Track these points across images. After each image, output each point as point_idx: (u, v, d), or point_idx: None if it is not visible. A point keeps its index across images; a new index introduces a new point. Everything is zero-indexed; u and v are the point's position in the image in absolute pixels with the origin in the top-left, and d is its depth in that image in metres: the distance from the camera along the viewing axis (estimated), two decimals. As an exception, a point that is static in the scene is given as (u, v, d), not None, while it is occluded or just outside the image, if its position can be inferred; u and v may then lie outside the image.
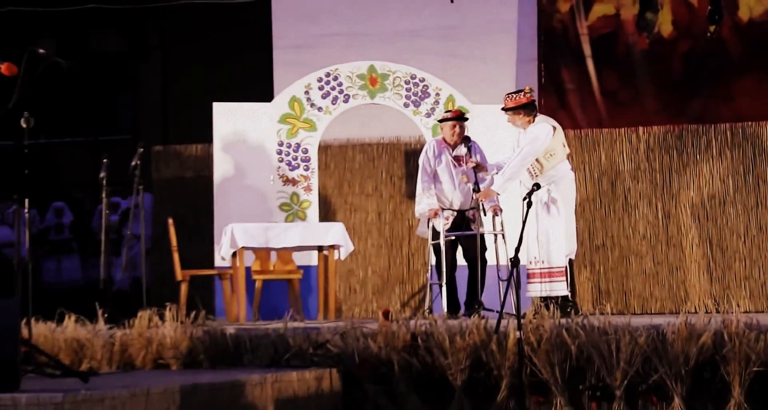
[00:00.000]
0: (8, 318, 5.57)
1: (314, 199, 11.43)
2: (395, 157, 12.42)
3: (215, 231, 11.12)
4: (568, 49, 12.70)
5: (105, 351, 7.80)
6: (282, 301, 10.88)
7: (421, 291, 11.94)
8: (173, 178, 12.75)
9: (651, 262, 11.75)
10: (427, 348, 7.31)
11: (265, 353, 7.56)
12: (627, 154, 11.94)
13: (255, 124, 11.38)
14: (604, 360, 6.99)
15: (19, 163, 6.51)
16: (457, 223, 9.92)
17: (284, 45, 13.26)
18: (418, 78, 11.46)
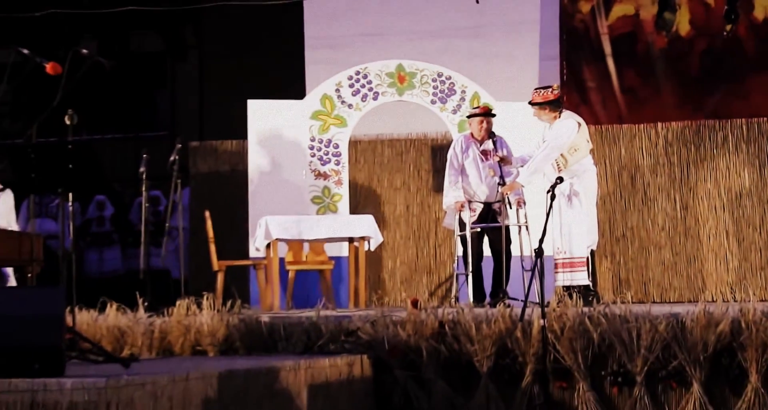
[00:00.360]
0: (54, 306, 5.57)
1: (345, 192, 11.42)
2: (422, 151, 12.39)
3: (250, 224, 11.13)
4: (590, 48, 12.64)
5: (145, 338, 7.82)
6: (314, 291, 10.87)
7: (448, 281, 11.92)
8: (209, 173, 12.76)
9: (669, 253, 11.69)
10: (454, 336, 7.30)
11: (298, 340, 7.56)
12: (646, 148, 11.89)
13: (288, 120, 11.38)
14: (625, 347, 6.97)
15: (63, 158, 6.52)
16: (483, 215, 9.90)
17: (316, 44, 13.24)
18: (444, 76, 11.43)
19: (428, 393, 7.31)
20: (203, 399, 5.84)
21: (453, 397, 7.30)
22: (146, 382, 5.46)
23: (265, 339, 7.65)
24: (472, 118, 10.12)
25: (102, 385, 5.21)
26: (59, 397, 5.21)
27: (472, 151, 10.00)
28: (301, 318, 7.78)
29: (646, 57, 12.50)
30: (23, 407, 5.21)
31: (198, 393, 5.82)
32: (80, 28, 19.68)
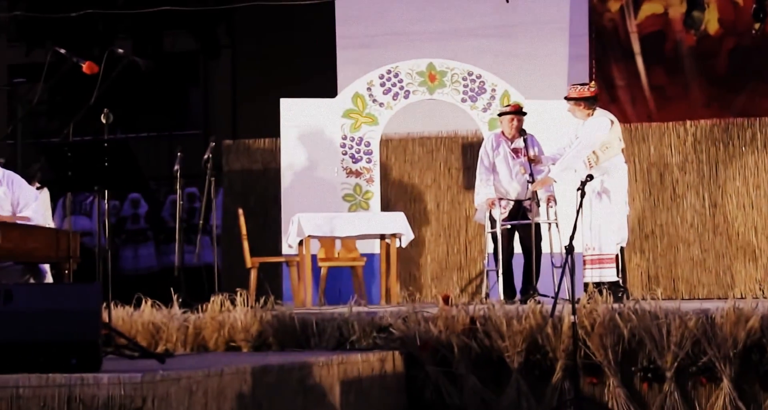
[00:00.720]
0: (90, 302, 5.59)
1: (376, 189, 11.41)
2: (453, 149, 12.37)
3: (282, 221, 11.14)
4: (619, 47, 12.60)
5: (180, 334, 7.83)
6: (346, 287, 10.87)
7: (478, 278, 11.90)
8: (242, 171, 12.78)
9: (698, 250, 11.64)
10: (485, 332, 7.28)
11: (330, 336, 7.55)
12: (675, 146, 11.83)
13: (320, 118, 11.38)
14: (655, 343, 6.93)
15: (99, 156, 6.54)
16: (514, 213, 9.87)
17: (347, 44, 13.25)
18: (474, 74, 11.39)
19: (459, 388, 7.30)
20: (237, 394, 5.84)
21: (484, 392, 7.28)
22: (181, 377, 5.47)
23: (298, 335, 7.65)
24: (503, 116, 10.09)
25: (138, 380, 5.22)
26: (96, 392, 5.22)
27: (503, 148, 9.97)
28: (333, 314, 7.77)
29: (675, 55, 12.44)
30: (60, 401, 5.23)
31: (232, 388, 5.82)
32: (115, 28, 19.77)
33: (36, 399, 5.23)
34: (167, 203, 15.39)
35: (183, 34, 21.02)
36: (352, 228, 10.47)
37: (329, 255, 10.83)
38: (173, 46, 21.35)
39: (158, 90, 20.84)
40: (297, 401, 6.31)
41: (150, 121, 21.69)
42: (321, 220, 10.43)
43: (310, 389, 6.44)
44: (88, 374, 5.27)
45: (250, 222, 11.14)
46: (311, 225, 10.31)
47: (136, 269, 15.24)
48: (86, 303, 5.56)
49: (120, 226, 15.28)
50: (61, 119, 20.70)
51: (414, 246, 11.86)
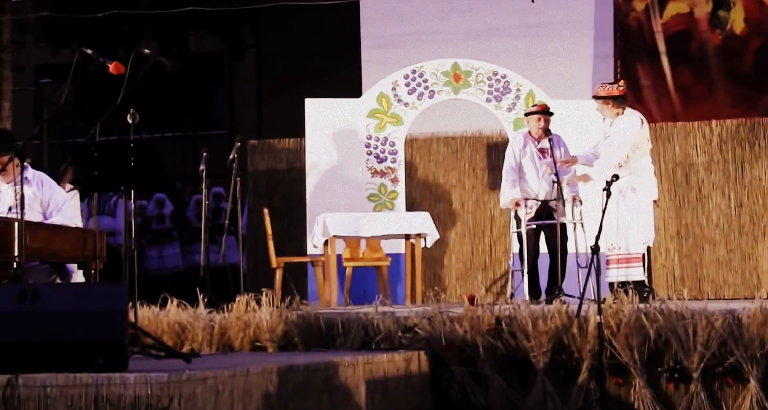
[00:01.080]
0: (117, 302, 5.60)
1: (401, 189, 11.40)
2: (478, 149, 12.35)
3: (307, 221, 11.14)
4: (644, 46, 12.55)
5: (205, 333, 7.85)
6: (371, 287, 10.86)
7: (503, 278, 11.87)
8: (267, 171, 12.80)
9: (724, 250, 11.57)
10: (510, 332, 7.26)
11: (356, 336, 7.55)
12: (700, 146, 11.77)
13: (345, 118, 11.38)
14: (681, 344, 6.90)
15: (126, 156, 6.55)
16: (540, 213, 9.84)
17: (372, 44, 13.25)
18: (499, 74, 11.37)
19: (485, 388, 7.28)
20: (263, 394, 5.85)
21: (509, 393, 7.26)
22: (208, 377, 5.47)
23: (324, 335, 7.65)
24: (530, 116, 10.07)
25: (164, 380, 5.23)
26: (123, 391, 5.23)
27: (529, 148, 9.95)
28: (358, 314, 7.77)
29: (701, 55, 12.38)
30: (87, 401, 5.24)
31: (258, 388, 5.82)
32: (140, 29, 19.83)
33: (63, 399, 5.24)
34: (192, 203, 15.41)
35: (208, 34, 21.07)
36: (377, 228, 10.46)
37: (354, 255, 10.83)
38: (198, 46, 21.40)
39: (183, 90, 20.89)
40: (323, 401, 6.31)
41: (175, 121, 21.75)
42: (346, 220, 10.42)
43: (336, 389, 6.43)
44: (114, 373, 5.29)
45: (275, 223, 11.14)
46: (336, 225, 10.31)
47: (161, 269, 15.27)
48: (113, 303, 5.58)
49: (145, 226, 15.31)
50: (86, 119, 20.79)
51: (439, 247, 11.85)
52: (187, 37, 21.14)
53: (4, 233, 6.96)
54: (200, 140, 20.30)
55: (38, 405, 5.25)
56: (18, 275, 6.83)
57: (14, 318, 5.50)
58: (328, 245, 10.33)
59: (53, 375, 5.30)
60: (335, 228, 10.29)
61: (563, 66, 12.51)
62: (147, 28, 20.27)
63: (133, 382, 5.23)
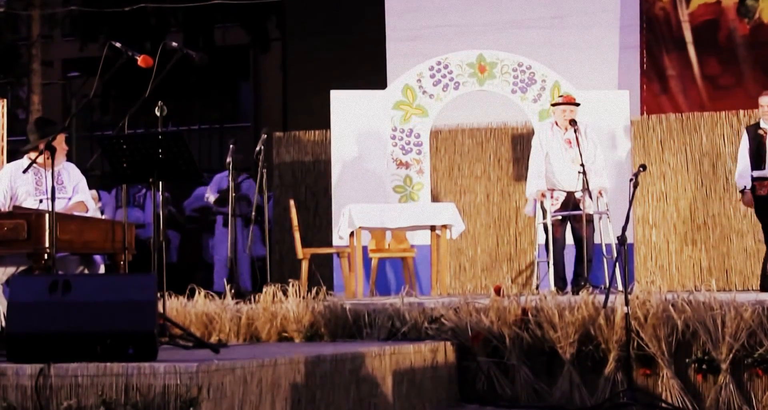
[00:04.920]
0: (146, 293, 5.63)
1: (426, 181, 11.40)
2: (503, 141, 12.34)
3: (333, 212, 11.16)
4: (670, 36, 12.50)
5: (233, 324, 7.87)
6: (397, 278, 10.87)
7: (528, 269, 11.86)
8: (293, 162, 12.83)
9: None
10: (537, 323, 7.25)
11: (382, 326, 7.56)
12: (728, 136, 11.73)
13: (370, 110, 11.38)
14: (709, 335, 6.87)
15: (154, 148, 6.58)
16: (566, 203, 9.83)
17: (397, 36, 13.25)
18: (524, 65, 11.35)
19: (511, 379, 7.28)
20: (291, 384, 5.87)
21: (536, 383, 7.25)
22: (236, 367, 5.50)
23: (350, 326, 7.66)
24: (556, 107, 10.05)
25: (193, 370, 5.25)
26: (152, 381, 5.26)
27: (556, 139, 9.93)
28: (384, 305, 7.77)
29: (728, 45, 12.33)
30: (118, 390, 5.28)
31: (286, 378, 5.84)
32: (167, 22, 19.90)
33: (94, 388, 5.28)
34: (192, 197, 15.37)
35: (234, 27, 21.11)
36: (403, 220, 10.46)
37: (380, 247, 10.84)
38: (224, 39, 21.45)
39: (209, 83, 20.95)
40: (350, 391, 6.32)
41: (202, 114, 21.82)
42: (372, 212, 10.43)
43: (363, 379, 6.45)
44: (144, 363, 5.32)
45: (301, 214, 11.17)
46: (362, 217, 10.32)
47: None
48: (142, 294, 5.61)
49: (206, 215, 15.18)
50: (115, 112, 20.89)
51: (464, 238, 11.85)
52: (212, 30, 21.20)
53: (36, 225, 7.00)
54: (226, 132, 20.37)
55: (69, 394, 5.29)
56: (49, 266, 6.88)
57: (46, 309, 5.54)
58: (353, 236, 10.35)
59: (84, 365, 5.34)
60: (361, 219, 10.30)
61: (589, 56, 12.49)
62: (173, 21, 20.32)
63: (162, 372, 5.26)
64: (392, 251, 10.92)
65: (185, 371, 5.25)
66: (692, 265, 11.65)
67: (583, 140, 9.80)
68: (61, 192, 7.59)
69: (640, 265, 11.65)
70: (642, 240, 11.77)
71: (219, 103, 22.16)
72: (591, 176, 9.63)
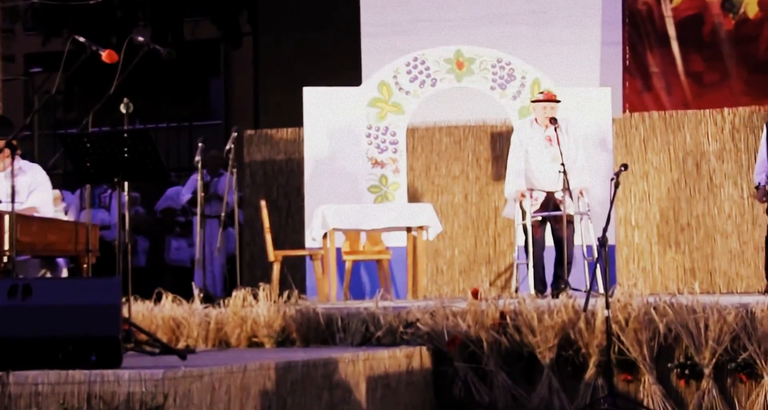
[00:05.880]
0: (110, 297, 5.61)
1: (402, 181, 11.40)
2: (481, 139, 12.35)
3: (306, 213, 11.15)
4: (653, 32, 12.54)
5: (201, 329, 7.86)
6: (371, 281, 10.87)
7: (507, 271, 11.88)
8: (265, 161, 12.81)
9: (737, 242, 11.58)
10: (515, 327, 7.27)
11: (356, 331, 7.56)
12: (712, 134, 11.78)
13: (344, 108, 11.37)
14: (692, 339, 6.90)
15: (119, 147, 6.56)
16: (545, 204, 9.84)
17: (373, 31, 13.24)
18: (504, 61, 11.36)
19: (489, 385, 7.29)
20: (261, 391, 5.86)
21: (514, 389, 7.27)
22: (204, 374, 5.48)
23: (323, 331, 7.66)
24: (536, 104, 10.07)
25: (159, 377, 5.24)
26: (116, 389, 5.24)
27: (536, 136, 9.94)
28: (358, 309, 7.77)
29: (713, 40, 12.37)
30: (80, 398, 5.25)
31: (256, 385, 5.83)
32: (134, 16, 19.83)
33: (55, 396, 5.25)
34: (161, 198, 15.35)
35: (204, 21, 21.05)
36: (378, 221, 10.46)
37: (354, 249, 10.83)
38: (194, 33, 21.39)
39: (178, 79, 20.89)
40: (322, 398, 6.32)
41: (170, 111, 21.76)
42: (346, 212, 10.42)
43: (336, 385, 6.45)
44: (108, 370, 5.30)
45: (273, 215, 11.15)
46: (335, 218, 10.31)
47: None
48: (106, 298, 5.59)
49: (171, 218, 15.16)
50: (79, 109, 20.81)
51: (441, 239, 11.86)
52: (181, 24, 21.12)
53: (-6, 226, 6.98)
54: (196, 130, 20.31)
55: (29, 403, 5.26)
56: (9, 269, 6.84)
57: (5, 314, 5.51)
58: (327, 238, 10.34)
59: (45, 372, 5.30)
60: (334, 220, 10.30)
61: (570, 52, 12.50)
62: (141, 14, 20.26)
63: (127, 379, 5.24)
64: (367, 253, 10.91)
65: (150, 378, 5.23)
66: (675, 267, 11.70)
67: (564, 138, 9.81)
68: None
69: (622, 267, 11.68)
70: (624, 242, 11.81)
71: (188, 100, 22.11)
72: (572, 175, 9.64)
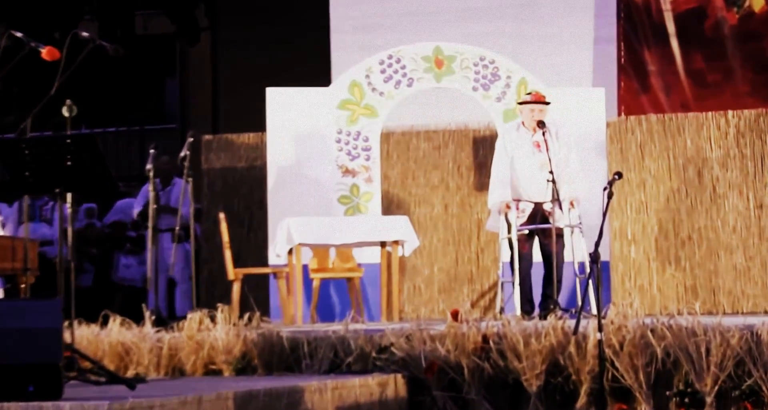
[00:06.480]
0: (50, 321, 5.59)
1: (376, 190, 11.42)
2: (463, 145, 12.38)
3: (269, 227, 11.15)
4: (651, 27, 12.59)
5: (152, 356, 7.86)
6: (341, 302, 10.88)
7: (492, 290, 11.91)
8: (224, 169, 12.81)
9: (742, 257, 11.63)
10: (499, 352, 7.29)
11: (324, 357, 7.58)
12: (715, 139, 11.83)
13: (312, 110, 11.39)
14: (693, 364, 6.93)
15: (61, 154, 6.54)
16: (533, 216, 9.86)
17: (343, 26, 13.25)
18: (487, 59, 11.40)
19: (470, 415, 7.31)
20: (218, 424, 5.86)
21: (498, 420, 7.29)
22: (154, 405, 5.48)
23: (287, 357, 7.68)
24: (523, 106, 10.09)
25: (104, 409, 5.22)
26: (57, 422, 5.23)
27: (522, 142, 9.95)
28: (327, 332, 7.79)
29: (715, 36, 12.43)
30: (16, 433, 5.24)
31: (212, 417, 5.83)
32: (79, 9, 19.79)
33: (-12, 431, 5.24)
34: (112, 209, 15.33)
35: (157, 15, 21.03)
36: (349, 235, 10.48)
37: (322, 266, 10.85)
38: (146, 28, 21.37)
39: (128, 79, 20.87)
40: (286, 431, 6.32)
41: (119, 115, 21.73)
42: (313, 226, 10.44)
43: (301, 417, 6.45)
44: (47, 402, 5.28)
45: (233, 229, 11.15)
46: (302, 232, 10.32)
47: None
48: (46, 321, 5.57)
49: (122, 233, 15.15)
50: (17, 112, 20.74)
51: (419, 255, 11.87)
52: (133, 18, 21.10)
53: None
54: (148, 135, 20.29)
55: (-41, 439, 5.25)
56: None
57: (-68, 339, 5.49)
58: (292, 254, 10.35)
59: (-24, 405, 5.30)
60: (301, 234, 10.31)
61: (560, 50, 12.55)
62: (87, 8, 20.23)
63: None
64: (336, 271, 10.93)
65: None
66: (675, 285, 11.74)
67: (554, 143, 9.84)
68: None
69: (616, 286, 11.72)
70: (619, 257, 11.85)
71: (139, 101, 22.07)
72: (562, 184, 9.67)
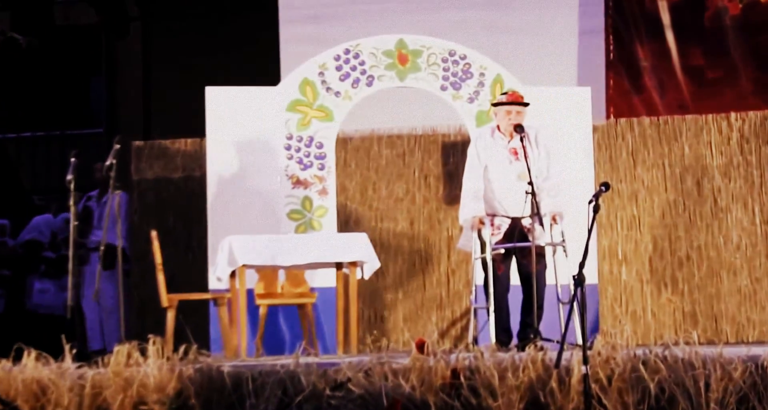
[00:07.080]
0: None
1: (331, 204, 11.44)
2: (431, 152, 12.42)
3: (209, 246, 11.14)
4: (643, 18, 12.68)
5: (73, 395, 7.84)
6: (292, 332, 10.88)
7: (463, 318, 11.94)
8: (158, 180, 12.80)
9: (747, 279, 11.71)
10: (471, 388, 7.30)
11: (271, 395, 7.58)
12: (716, 145, 11.91)
13: (257, 112, 11.40)
14: (690, 401, 6.97)
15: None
16: (510, 233, 9.89)
17: (293, 16, 13.31)
18: (458, 55, 11.45)
19: (438, 461, 7.33)
20: (148, 472, 5.85)
21: (470, 467, 7.31)
22: (74, 451, 5.47)
23: (229, 395, 7.67)
24: (498, 108, 10.13)
25: (17, 455, 5.22)
26: (-38, 471, 5.22)
27: (498, 148, 9.99)
28: (275, 366, 7.79)
29: (716, 28, 12.52)
30: None
31: (141, 465, 5.83)
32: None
33: None
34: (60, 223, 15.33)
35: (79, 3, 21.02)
36: (300, 255, 10.48)
37: (270, 291, 10.85)
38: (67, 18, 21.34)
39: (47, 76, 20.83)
40: (227, 480, 6.32)
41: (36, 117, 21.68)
42: (259, 245, 10.44)
43: (244, 464, 6.45)
44: (-49, 448, 5.27)
45: (167, 248, 11.12)
46: (246, 252, 10.32)
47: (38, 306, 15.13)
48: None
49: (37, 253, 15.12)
50: None
51: (380, 278, 11.89)
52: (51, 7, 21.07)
53: None
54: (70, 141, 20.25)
55: None
56: None
57: None
58: (235, 277, 10.35)
59: None
60: (245, 255, 10.31)
61: (540, 44, 12.64)
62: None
63: (-25, 459, 5.22)
64: (286, 296, 10.93)
65: (6, 457, 5.22)
66: (672, 311, 11.80)
67: (533, 150, 9.89)
68: None
69: (605, 312, 11.77)
70: (608, 280, 11.90)
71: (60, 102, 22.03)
72: (542, 197, 9.71)
